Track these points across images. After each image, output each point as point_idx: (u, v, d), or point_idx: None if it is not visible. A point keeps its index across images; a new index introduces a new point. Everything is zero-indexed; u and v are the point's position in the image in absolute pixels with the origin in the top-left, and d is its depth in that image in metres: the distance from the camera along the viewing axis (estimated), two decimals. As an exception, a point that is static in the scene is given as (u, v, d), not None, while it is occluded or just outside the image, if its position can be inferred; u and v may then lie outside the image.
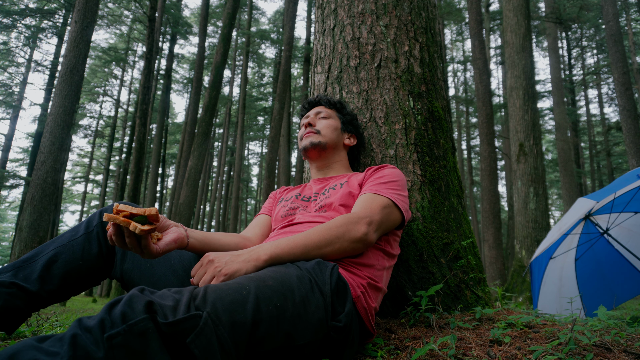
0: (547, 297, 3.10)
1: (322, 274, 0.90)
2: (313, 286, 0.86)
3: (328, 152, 1.43)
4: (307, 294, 0.83)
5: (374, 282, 1.07)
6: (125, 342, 0.57)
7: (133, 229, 0.86)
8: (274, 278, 0.81)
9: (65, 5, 12.46)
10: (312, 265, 0.92)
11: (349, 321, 0.89)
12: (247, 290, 0.74)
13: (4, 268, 1.00)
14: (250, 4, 19.60)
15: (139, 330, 0.58)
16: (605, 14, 9.23)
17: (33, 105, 13.22)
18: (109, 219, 0.87)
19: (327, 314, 0.85)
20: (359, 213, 1.08)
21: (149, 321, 0.59)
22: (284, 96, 12.32)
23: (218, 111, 23.29)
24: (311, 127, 1.44)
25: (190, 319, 0.63)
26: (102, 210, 1.08)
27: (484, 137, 9.65)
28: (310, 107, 1.54)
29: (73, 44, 6.55)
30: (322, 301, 0.85)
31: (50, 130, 6.24)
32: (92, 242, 1.05)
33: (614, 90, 16.95)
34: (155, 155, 15.57)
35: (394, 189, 1.19)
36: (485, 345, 1.02)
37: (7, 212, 29.68)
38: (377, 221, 1.08)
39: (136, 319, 0.58)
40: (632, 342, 0.98)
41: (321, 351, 0.86)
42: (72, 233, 1.07)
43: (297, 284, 0.83)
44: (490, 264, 8.98)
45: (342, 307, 0.90)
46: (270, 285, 0.78)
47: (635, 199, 2.78)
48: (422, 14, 1.77)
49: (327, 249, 1.00)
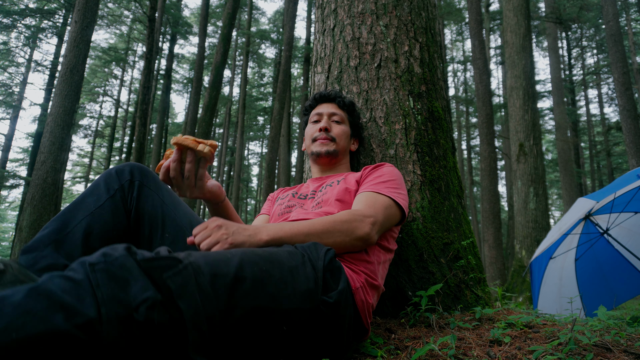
0: (547, 297, 3.10)
1: (316, 252, 0.92)
2: (305, 261, 0.87)
3: (339, 159, 1.45)
4: (297, 266, 0.84)
5: (371, 278, 1.08)
6: (106, 267, 0.59)
7: (202, 148, 0.94)
8: (264, 250, 0.83)
9: (65, 5, 12.45)
10: (307, 244, 0.94)
11: (341, 299, 0.89)
12: (233, 254, 0.75)
13: (37, 242, 0.87)
14: (250, 4, 19.59)
15: (119, 263, 0.60)
16: (605, 14, 9.23)
17: (33, 105, 13.22)
18: (177, 140, 0.93)
19: (317, 287, 0.85)
20: (363, 211, 1.08)
21: (129, 257, 0.61)
22: (284, 96, 12.32)
23: (218, 111, 23.27)
24: (327, 132, 1.42)
25: (168, 259, 0.64)
26: (118, 169, 0.97)
27: (484, 137, 9.64)
28: (322, 102, 1.51)
29: (73, 44, 6.55)
30: (312, 274, 0.85)
31: (50, 130, 6.24)
32: (118, 209, 0.94)
33: (614, 90, 16.94)
34: (155, 155, 15.56)
35: (393, 187, 1.20)
36: (485, 345, 1.02)
37: (7, 212, 29.67)
38: (380, 222, 1.09)
39: (116, 254, 0.61)
40: (632, 342, 0.98)
41: (310, 326, 0.84)
42: (94, 198, 0.93)
43: (286, 257, 0.85)
44: (490, 264, 8.98)
45: (335, 285, 0.90)
46: (258, 254, 0.80)
47: (635, 199, 2.78)
48: (422, 14, 1.77)
49: (328, 240, 1.01)
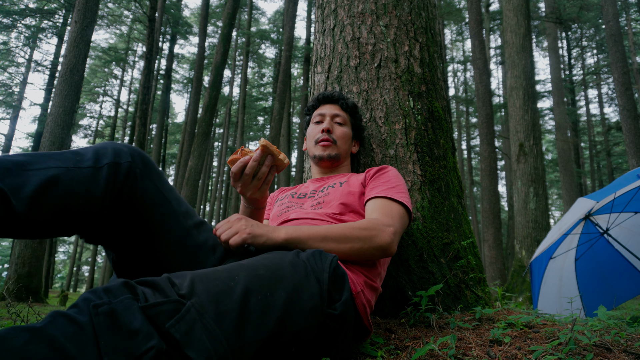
0: (547, 297, 3.10)
1: (321, 262, 0.90)
2: (308, 274, 0.85)
3: (340, 161, 1.45)
4: (300, 282, 0.82)
5: (370, 280, 1.08)
6: (110, 310, 0.56)
7: (283, 158, 1.01)
8: (265, 267, 0.80)
9: (65, 5, 12.45)
10: (311, 252, 0.91)
11: (345, 309, 0.88)
12: (236, 281, 0.73)
13: None
14: (250, 4, 19.59)
15: (123, 307, 0.58)
16: (605, 14, 9.23)
17: (33, 105, 13.22)
18: (266, 143, 0.98)
19: (322, 302, 0.84)
20: (383, 220, 1.07)
21: (132, 301, 0.59)
22: (284, 96, 12.32)
23: (218, 111, 23.26)
24: (329, 134, 1.41)
25: (170, 303, 0.62)
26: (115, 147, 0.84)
27: (484, 137, 9.64)
28: (324, 102, 1.50)
29: (73, 44, 6.55)
30: (317, 289, 0.84)
31: (50, 130, 6.24)
32: (98, 180, 0.79)
33: (614, 90, 16.95)
34: (155, 155, 15.57)
35: (402, 192, 1.20)
36: (485, 345, 1.02)
37: (7, 212, 29.64)
38: (399, 232, 1.09)
39: (120, 295, 0.59)
40: (632, 342, 0.98)
41: (317, 339, 0.85)
42: (77, 157, 0.79)
43: (289, 271, 0.82)
44: (490, 264, 8.98)
45: (339, 295, 0.89)
46: (261, 274, 0.78)
47: (635, 199, 2.78)
48: (422, 14, 1.77)
49: (345, 246, 0.99)
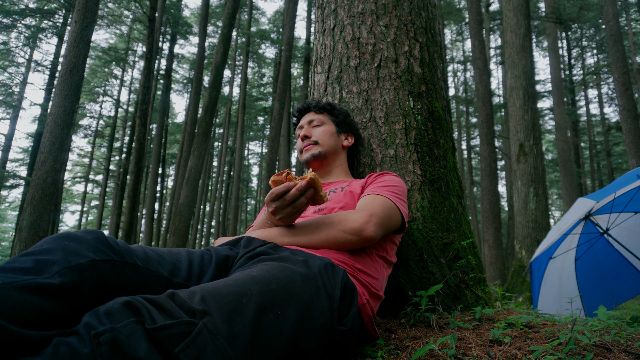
0: (547, 297, 3.10)
1: (333, 277, 0.89)
2: (320, 288, 0.84)
3: (329, 159, 1.44)
4: (311, 298, 0.80)
5: (375, 290, 1.08)
6: (113, 339, 0.53)
7: (323, 195, 1.02)
8: (277, 280, 0.77)
9: (65, 5, 12.45)
10: (321, 267, 0.89)
11: (353, 324, 0.88)
12: (249, 297, 0.70)
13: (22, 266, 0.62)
14: (250, 4, 19.58)
15: (127, 332, 0.54)
16: (605, 14, 9.23)
17: (33, 105, 13.21)
18: (315, 177, 0.98)
19: (332, 319, 0.83)
20: (358, 207, 1.11)
21: (137, 325, 0.55)
22: (284, 96, 12.32)
23: (218, 111, 23.26)
24: (308, 139, 1.43)
25: (181, 325, 0.58)
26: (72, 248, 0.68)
27: (484, 137, 9.64)
28: (300, 115, 1.53)
29: (73, 44, 6.55)
30: (327, 306, 0.83)
31: (50, 130, 6.24)
32: None
33: (614, 90, 16.94)
34: (155, 155, 15.56)
35: (395, 192, 1.20)
36: (485, 345, 1.02)
37: (7, 212, 29.66)
38: (377, 216, 1.07)
39: (124, 319, 0.56)
40: (632, 342, 0.98)
41: (324, 355, 0.86)
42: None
43: (301, 286, 0.80)
44: (490, 264, 8.98)
45: (347, 310, 0.89)
46: (273, 290, 0.75)
47: (635, 199, 2.78)
48: (422, 14, 1.77)
49: (320, 234, 1.03)
